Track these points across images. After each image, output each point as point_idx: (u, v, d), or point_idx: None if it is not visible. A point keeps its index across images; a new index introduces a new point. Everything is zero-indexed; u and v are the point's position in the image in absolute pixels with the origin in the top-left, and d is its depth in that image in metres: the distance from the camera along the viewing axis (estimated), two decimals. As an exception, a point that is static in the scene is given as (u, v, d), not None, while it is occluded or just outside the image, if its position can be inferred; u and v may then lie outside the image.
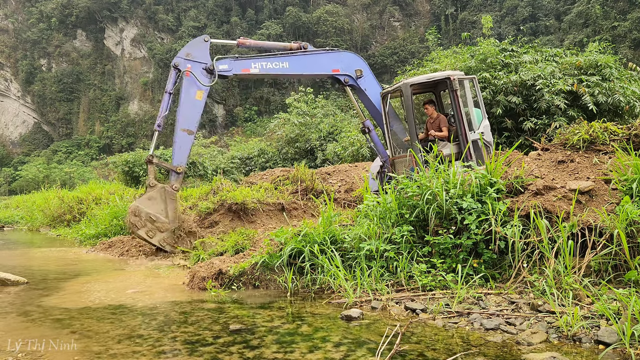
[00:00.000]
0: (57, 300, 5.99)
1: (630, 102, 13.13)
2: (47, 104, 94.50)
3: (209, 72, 9.01)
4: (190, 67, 8.88)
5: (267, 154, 27.46)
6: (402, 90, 8.81)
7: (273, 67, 9.19)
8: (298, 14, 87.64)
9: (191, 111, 9.00)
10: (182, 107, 8.94)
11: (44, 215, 19.82)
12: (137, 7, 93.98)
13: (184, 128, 8.97)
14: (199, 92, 8.95)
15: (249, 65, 9.08)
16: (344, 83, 9.62)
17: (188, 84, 8.90)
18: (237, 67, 9.10)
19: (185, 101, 8.92)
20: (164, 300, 5.87)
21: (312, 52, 9.59)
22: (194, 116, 9.05)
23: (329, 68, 9.59)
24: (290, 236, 6.47)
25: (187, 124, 8.98)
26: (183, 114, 8.95)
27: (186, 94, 8.90)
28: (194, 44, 9.10)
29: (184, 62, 8.92)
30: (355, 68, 9.70)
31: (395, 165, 9.29)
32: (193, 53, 8.97)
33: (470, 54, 15.40)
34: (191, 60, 8.94)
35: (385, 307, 5.02)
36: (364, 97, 9.82)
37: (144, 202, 9.02)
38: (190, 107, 8.97)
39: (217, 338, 4.27)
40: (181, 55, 9.01)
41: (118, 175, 25.79)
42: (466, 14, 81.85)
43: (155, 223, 8.98)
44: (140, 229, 8.88)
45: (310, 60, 9.52)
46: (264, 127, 60.13)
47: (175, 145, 8.99)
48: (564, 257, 4.92)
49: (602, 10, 56.07)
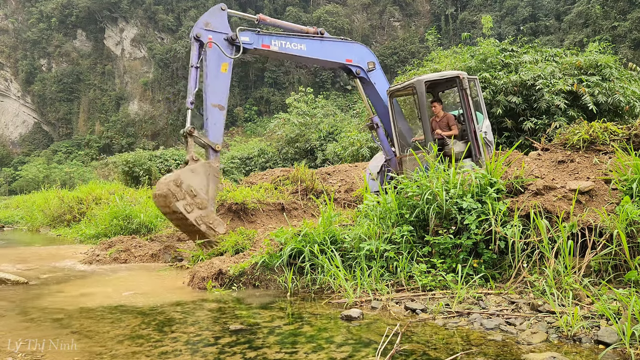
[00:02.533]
0: (57, 301, 5.99)
1: (630, 102, 13.13)
2: (47, 104, 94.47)
3: (230, 42, 8.54)
4: (212, 38, 8.33)
5: (267, 154, 27.46)
6: (415, 87, 8.79)
7: (292, 47, 8.95)
8: (298, 14, 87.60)
9: (219, 85, 8.47)
10: (208, 81, 8.38)
11: (44, 215, 19.82)
12: (137, 7, 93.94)
13: (215, 103, 8.42)
14: (224, 65, 8.45)
15: (270, 41, 8.74)
16: (355, 74, 9.54)
17: (213, 56, 8.35)
18: (258, 42, 8.72)
19: (212, 75, 8.36)
20: (164, 300, 5.86)
21: (329, 38, 9.50)
22: (223, 90, 8.53)
23: (342, 57, 9.45)
24: (290, 236, 6.47)
25: (217, 98, 8.44)
26: (211, 88, 8.39)
27: (211, 67, 8.36)
28: (212, 13, 8.57)
29: (205, 33, 8.33)
30: (368, 60, 9.68)
31: (402, 164, 9.28)
32: (213, 23, 8.45)
33: (470, 54, 15.41)
34: (212, 31, 8.40)
35: (385, 307, 5.02)
36: (373, 91, 9.78)
37: (186, 174, 8.15)
38: (218, 80, 8.44)
39: (217, 338, 4.27)
40: (200, 25, 8.42)
41: (118, 175, 25.81)
42: (466, 14, 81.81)
43: (195, 198, 8.11)
44: (180, 201, 7.93)
45: (326, 47, 9.38)
46: (264, 127, 60.13)
47: (209, 122, 8.41)
48: (564, 257, 4.92)
49: (602, 10, 56.02)
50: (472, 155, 8.48)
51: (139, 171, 23.63)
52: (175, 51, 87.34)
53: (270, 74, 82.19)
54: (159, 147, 45.53)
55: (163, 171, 24.08)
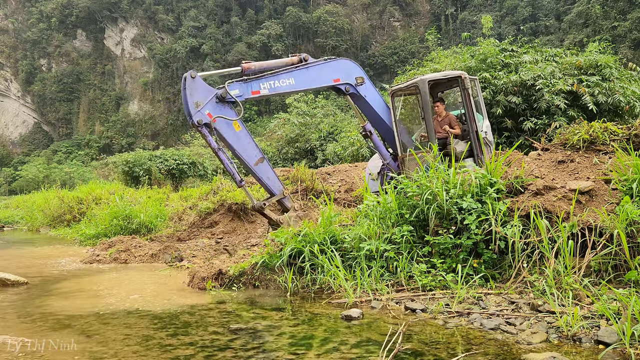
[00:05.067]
0: (57, 301, 6.00)
1: (630, 102, 13.13)
2: (47, 104, 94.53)
3: (220, 100, 8.34)
4: (210, 114, 8.18)
5: (267, 154, 27.45)
6: (418, 87, 8.79)
7: (281, 85, 8.88)
8: (298, 14, 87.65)
9: (245, 144, 8.48)
10: (236, 147, 8.35)
11: (44, 215, 19.82)
12: (137, 7, 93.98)
13: (255, 161, 8.44)
14: (235, 124, 8.39)
15: (258, 86, 8.67)
16: (345, 92, 9.43)
17: (223, 128, 8.26)
18: (247, 91, 8.64)
19: (233, 140, 8.32)
20: (164, 300, 5.87)
21: (313, 64, 9.39)
22: (251, 145, 8.53)
23: (329, 79, 9.34)
24: (290, 236, 6.47)
25: (252, 157, 8.45)
26: (241, 152, 8.38)
27: (228, 135, 8.29)
28: (191, 89, 8.17)
29: (204, 115, 8.12)
30: (356, 76, 9.58)
31: (404, 164, 9.28)
32: (199, 99, 8.22)
33: (470, 54, 15.40)
34: (205, 107, 8.23)
35: (385, 307, 5.02)
36: (364, 104, 9.71)
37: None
38: (241, 141, 8.45)
39: (217, 339, 4.27)
40: (193, 111, 8.11)
41: (118, 175, 25.79)
42: (466, 14, 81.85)
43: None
44: None
45: (313, 73, 9.31)
46: (264, 127, 60.11)
47: (263, 180, 8.48)
48: (564, 257, 4.92)
49: (602, 10, 56.05)
50: (474, 155, 8.49)
51: (139, 171, 23.60)
52: (175, 51, 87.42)
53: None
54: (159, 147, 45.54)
55: (163, 171, 24.09)
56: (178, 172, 24.41)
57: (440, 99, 9.45)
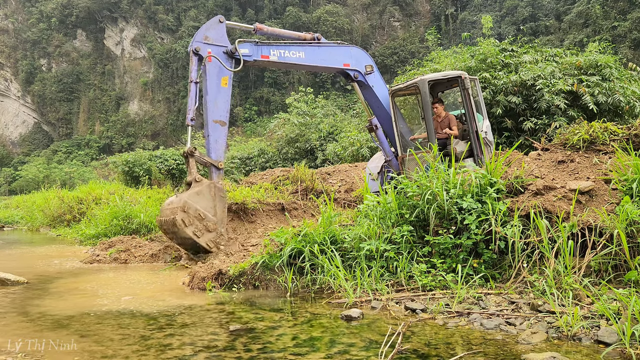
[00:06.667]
0: (57, 301, 5.99)
1: (630, 102, 13.13)
2: (47, 104, 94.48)
3: (229, 55, 8.41)
4: (211, 51, 8.19)
5: (267, 154, 27.45)
6: (418, 87, 8.79)
7: (291, 55, 8.84)
8: (298, 14, 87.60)
9: (220, 100, 8.32)
10: (209, 96, 8.22)
11: (44, 215, 19.82)
12: (137, 7, 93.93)
13: (216, 119, 8.26)
14: (224, 79, 8.31)
15: (269, 51, 8.64)
16: (354, 78, 9.46)
17: (213, 71, 8.22)
18: (257, 53, 8.57)
19: (212, 90, 8.21)
20: (164, 299, 5.86)
21: (326, 44, 9.42)
22: (224, 105, 8.38)
23: (340, 62, 9.35)
24: (290, 236, 6.47)
25: (218, 114, 8.28)
26: (212, 104, 8.23)
27: (211, 81, 8.21)
28: (210, 25, 8.39)
29: (204, 47, 8.17)
30: (366, 64, 9.62)
31: (404, 164, 9.28)
32: (211, 36, 8.28)
33: (470, 54, 15.40)
34: (211, 44, 8.24)
35: (385, 307, 5.02)
36: (371, 94, 9.72)
37: (192, 197, 8.00)
38: (219, 95, 8.29)
39: (217, 339, 4.27)
40: (199, 39, 8.25)
41: (118, 175, 25.79)
42: (466, 14, 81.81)
43: (204, 221, 8.02)
44: (188, 227, 7.84)
45: (324, 52, 9.32)
46: (264, 127, 60.13)
47: (210, 139, 8.27)
48: (564, 257, 4.92)
49: (602, 10, 56.05)
50: (474, 155, 8.48)
51: (139, 171, 23.60)
52: (175, 51, 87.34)
53: (270, 74, 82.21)
54: (159, 147, 45.52)
55: (163, 171, 24.06)
56: (178, 172, 24.40)
57: (439, 99, 9.45)
